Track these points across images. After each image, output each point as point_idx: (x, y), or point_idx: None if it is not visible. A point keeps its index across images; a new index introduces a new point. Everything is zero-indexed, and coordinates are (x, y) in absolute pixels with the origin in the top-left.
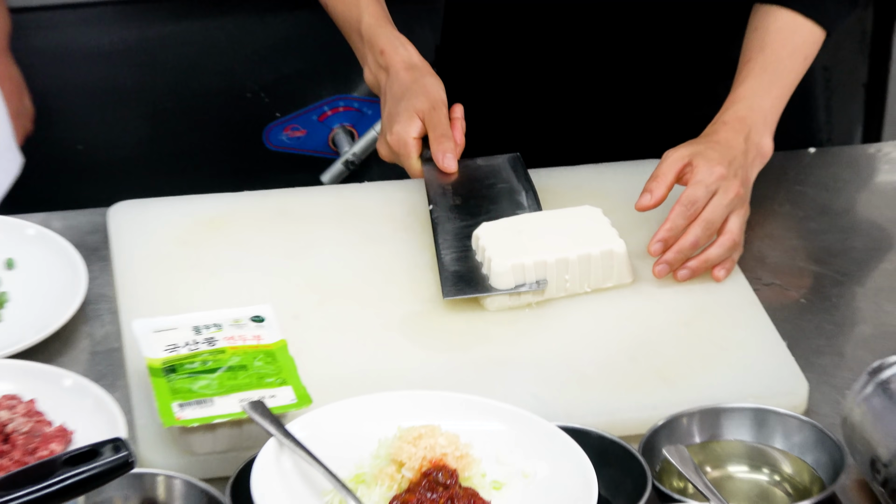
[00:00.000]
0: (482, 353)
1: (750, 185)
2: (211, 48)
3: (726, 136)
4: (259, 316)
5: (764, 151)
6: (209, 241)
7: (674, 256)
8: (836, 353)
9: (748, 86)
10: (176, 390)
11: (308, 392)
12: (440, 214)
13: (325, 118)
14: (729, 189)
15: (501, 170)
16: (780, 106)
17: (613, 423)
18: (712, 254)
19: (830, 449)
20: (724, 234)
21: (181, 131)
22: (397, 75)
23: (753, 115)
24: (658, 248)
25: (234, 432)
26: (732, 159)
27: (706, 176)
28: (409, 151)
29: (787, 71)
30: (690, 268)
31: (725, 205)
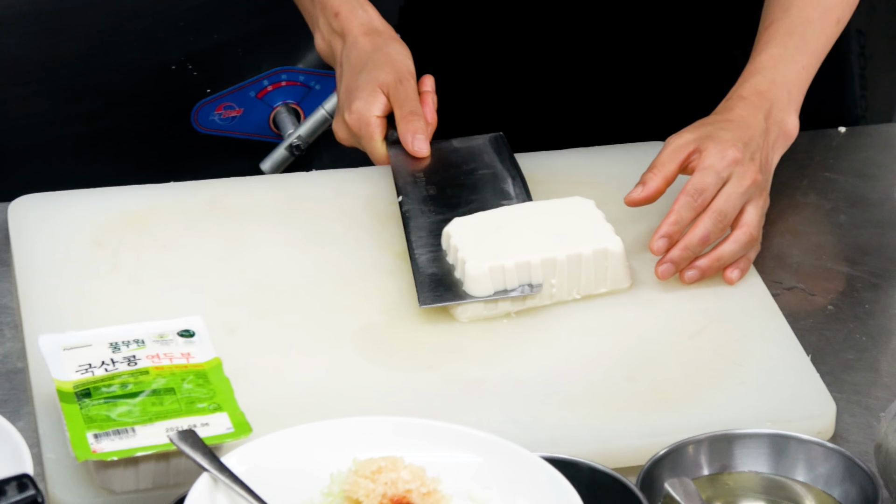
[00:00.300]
0: (453, 372)
1: (771, 170)
2: (128, 12)
3: (743, 114)
4: (188, 330)
5: (788, 131)
6: (129, 241)
7: (680, 254)
8: (870, 369)
9: (770, 53)
10: (91, 418)
11: (247, 419)
12: (412, 207)
13: (265, 95)
14: (744, 175)
15: (482, 153)
16: (808, 78)
17: (607, 452)
18: (726, 250)
19: (862, 481)
20: (739, 228)
21: (93, 112)
22: (356, 42)
23: (776, 88)
24: (661, 244)
25: (160, 467)
26: (749, 140)
27: (717, 161)
28: (371, 133)
29: (816, 36)
30: (700, 267)
31: (741, 193)
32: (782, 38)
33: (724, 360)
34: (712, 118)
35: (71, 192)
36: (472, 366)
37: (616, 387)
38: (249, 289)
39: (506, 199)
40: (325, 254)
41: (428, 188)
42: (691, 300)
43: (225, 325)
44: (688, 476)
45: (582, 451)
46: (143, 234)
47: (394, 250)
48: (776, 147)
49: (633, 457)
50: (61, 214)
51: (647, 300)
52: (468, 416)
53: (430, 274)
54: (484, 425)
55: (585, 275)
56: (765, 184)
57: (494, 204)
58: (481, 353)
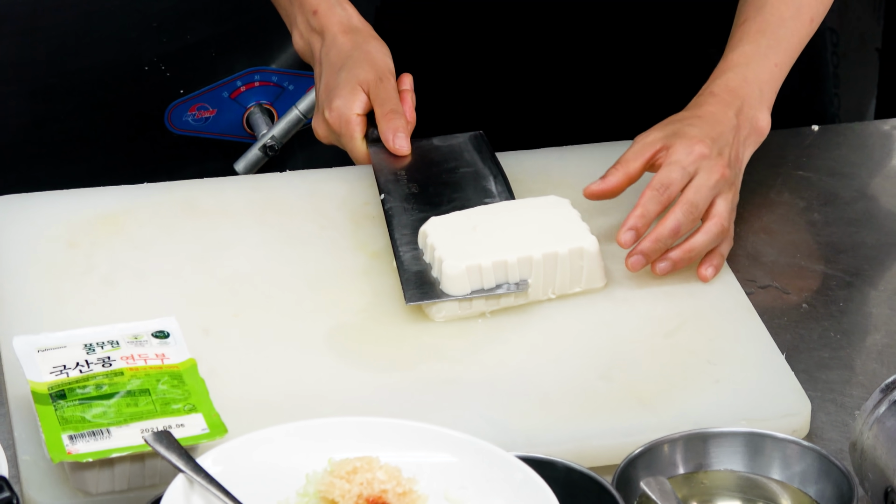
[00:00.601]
0: (427, 372)
1: (741, 167)
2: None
3: (713, 110)
4: (163, 331)
5: (759, 128)
6: (103, 242)
7: (650, 246)
8: (844, 367)
9: (742, 51)
10: (66, 420)
11: (222, 420)
12: (395, 205)
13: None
14: (712, 169)
15: (463, 151)
16: (781, 76)
17: (583, 451)
18: (698, 241)
19: (837, 479)
20: (710, 219)
21: (66, 113)
22: (335, 40)
23: (747, 85)
24: (629, 237)
25: (136, 468)
26: (718, 136)
27: (683, 156)
28: (352, 131)
29: (789, 34)
30: (672, 259)
31: (710, 186)
32: (755, 35)
33: (699, 359)
34: (682, 115)
35: (44, 193)
36: (447, 366)
37: (591, 386)
38: (224, 289)
39: (488, 196)
40: (299, 254)
41: (410, 186)
42: (666, 299)
43: (199, 325)
44: (663, 475)
45: (558, 450)
46: (117, 234)
47: (368, 251)
48: (747, 143)
49: (608, 456)
50: (35, 215)
51: (622, 299)
52: (444, 415)
53: (415, 272)
54: (459, 425)
55: (561, 274)
56: (734, 179)
57: (477, 202)
58: (457, 353)
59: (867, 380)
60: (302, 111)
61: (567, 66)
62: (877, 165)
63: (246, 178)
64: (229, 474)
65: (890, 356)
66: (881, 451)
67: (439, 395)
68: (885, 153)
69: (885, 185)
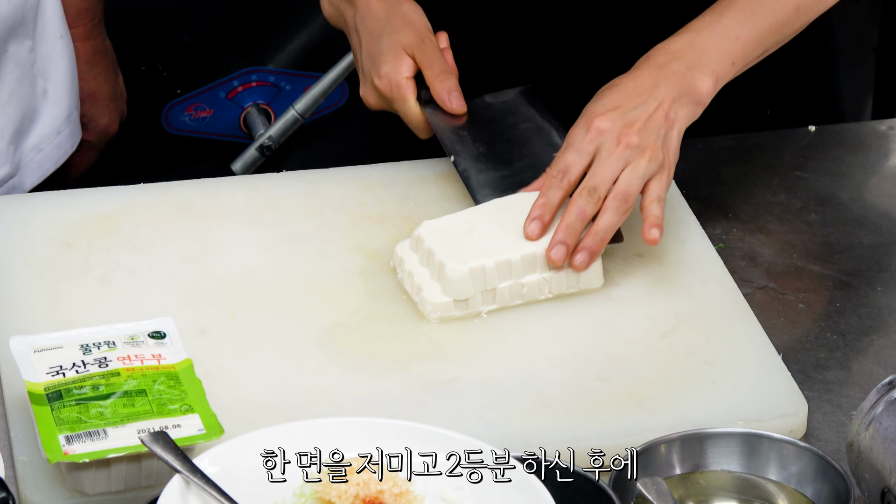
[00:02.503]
0: (425, 372)
1: (672, 128)
2: None
3: (638, 74)
4: (159, 331)
5: (696, 89)
6: (99, 242)
7: (565, 233)
8: (841, 368)
9: (701, 20)
10: (62, 420)
11: (218, 420)
12: (468, 166)
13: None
14: (613, 142)
15: (518, 105)
16: (745, 53)
17: (579, 452)
18: (601, 223)
19: (834, 479)
20: (610, 197)
21: None
22: (368, 7)
23: (691, 49)
24: (535, 228)
25: (132, 469)
26: (631, 104)
27: (579, 137)
28: (404, 94)
29: (764, 13)
30: (586, 248)
31: (610, 163)
32: (721, 8)
33: (696, 360)
34: (602, 88)
35: (41, 193)
36: (444, 366)
37: (588, 386)
38: (220, 290)
39: (555, 150)
40: (296, 255)
41: (477, 145)
42: (663, 300)
43: (196, 326)
44: (660, 475)
45: (554, 450)
46: (114, 235)
47: (365, 251)
48: (683, 103)
49: (605, 456)
50: (31, 216)
51: (619, 300)
52: (440, 416)
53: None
54: (456, 425)
55: (559, 273)
56: (647, 142)
57: (548, 156)
58: (453, 354)
59: (864, 380)
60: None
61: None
62: (874, 166)
63: (243, 178)
64: (226, 475)
65: (887, 356)
66: (878, 451)
67: (436, 396)
68: (882, 154)
69: (882, 186)
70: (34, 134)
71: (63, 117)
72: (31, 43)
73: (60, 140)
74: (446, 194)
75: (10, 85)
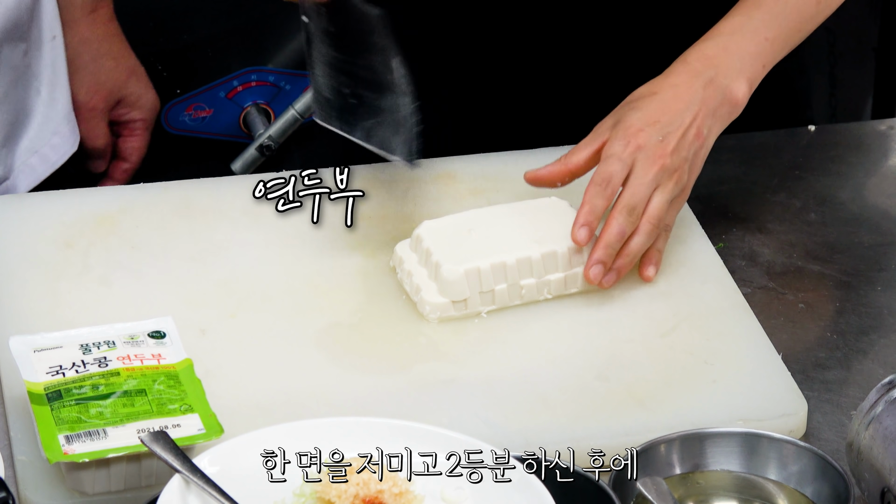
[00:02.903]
0: (424, 372)
1: (703, 142)
2: None
3: (676, 81)
4: (159, 331)
5: (734, 98)
6: (99, 242)
7: (604, 253)
8: (841, 367)
9: (731, 22)
10: (62, 420)
11: (218, 420)
12: (315, 33)
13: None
14: (650, 161)
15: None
16: (773, 52)
17: (579, 452)
18: (634, 244)
19: (833, 479)
20: (643, 219)
21: None
22: None
23: (726, 55)
24: (583, 233)
25: (132, 468)
26: (668, 118)
27: (620, 148)
28: None
29: (788, 11)
30: (617, 268)
31: (646, 183)
32: (748, 8)
33: (696, 360)
34: (640, 91)
35: (41, 193)
36: (444, 366)
37: (588, 386)
38: (220, 290)
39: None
40: (296, 254)
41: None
42: (662, 300)
43: (196, 326)
44: (660, 475)
45: (554, 450)
46: (114, 235)
47: (364, 251)
48: (718, 115)
49: (605, 456)
50: (31, 216)
51: (619, 300)
52: (440, 416)
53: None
54: (456, 426)
55: (558, 274)
56: (677, 164)
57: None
58: (453, 354)
59: (864, 380)
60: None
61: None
62: (873, 165)
63: (243, 178)
64: (226, 474)
65: (887, 356)
66: (878, 451)
67: (436, 396)
68: (882, 153)
69: (881, 185)
70: (27, 137)
71: (59, 118)
72: (25, 46)
73: (56, 142)
74: (446, 194)
75: (2, 88)
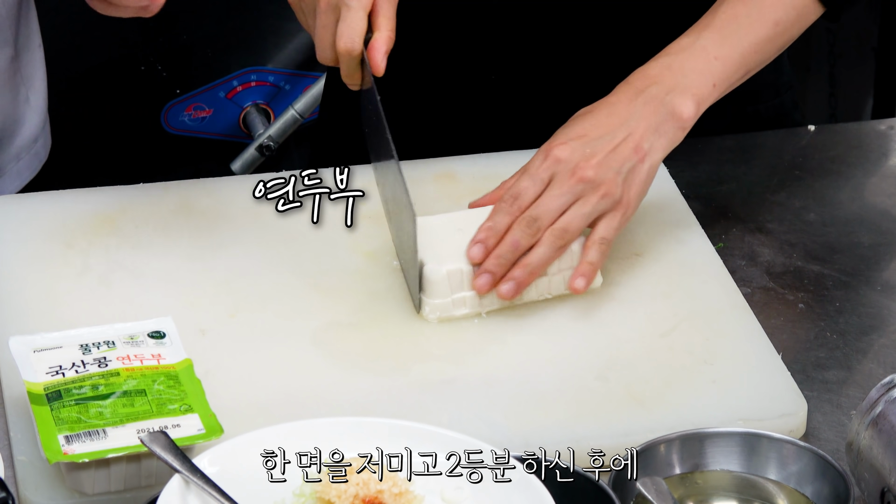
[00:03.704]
0: (424, 372)
1: (645, 155)
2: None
3: (614, 100)
4: (159, 331)
5: (678, 113)
6: (99, 242)
7: (493, 262)
8: (841, 367)
9: (678, 43)
10: (62, 420)
11: (218, 420)
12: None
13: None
14: (567, 174)
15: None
16: (724, 71)
17: (579, 452)
18: (533, 256)
19: (833, 479)
20: (549, 231)
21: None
22: None
23: (669, 72)
24: (477, 251)
25: (132, 469)
26: (593, 133)
27: (536, 163)
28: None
29: (742, 32)
30: (514, 278)
31: (559, 195)
32: (698, 29)
33: (696, 360)
34: (578, 112)
35: (41, 193)
36: (443, 366)
37: (588, 386)
38: (220, 290)
39: None
40: (295, 254)
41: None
42: (662, 300)
43: (195, 326)
44: (660, 475)
45: (554, 450)
46: (114, 235)
47: (364, 251)
48: (662, 131)
49: (605, 456)
50: (31, 216)
51: (619, 300)
52: (440, 416)
53: None
54: (455, 426)
55: (553, 275)
56: (605, 177)
57: None
58: (452, 354)
59: (864, 380)
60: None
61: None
62: (873, 165)
63: (242, 178)
64: (225, 474)
65: (887, 356)
66: (878, 451)
67: (436, 396)
68: (882, 153)
69: (881, 185)
70: (16, 143)
71: (40, 126)
72: (11, 51)
73: (37, 148)
74: (446, 194)
75: None
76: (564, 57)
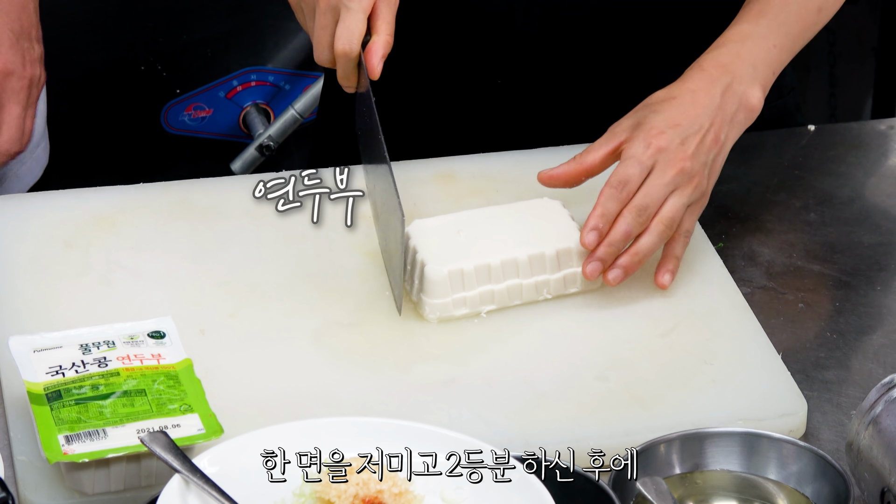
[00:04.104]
0: (424, 372)
1: (720, 147)
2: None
3: (694, 87)
4: (159, 331)
5: (750, 105)
6: (99, 242)
7: (605, 251)
8: (841, 367)
9: (739, 29)
10: (62, 420)
11: (218, 420)
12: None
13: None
14: (669, 164)
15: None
16: (780, 58)
17: (579, 452)
18: (642, 244)
19: (833, 479)
20: (655, 220)
21: (63, 113)
22: None
23: (739, 61)
24: (592, 237)
25: (132, 469)
26: (688, 122)
27: (640, 150)
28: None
29: (792, 18)
30: (622, 265)
31: (663, 184)
32: (754, 16)
33: (696, 359)
34: (659, 95)
35: (40, 193)
36: (443, 366)
37: (588, 386)
38: (220, 290)
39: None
40: (295, 254)
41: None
42: (662, 299)
43: (195, 326)
44: (660, 475)
45: (554, 450)
46: (113, 235)
47: (364, 250)
48: (735, 122)
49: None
50: (31, 216)
51: (618, 300)
52: (440, 416)
53: None
54: (456, 426)
55: (552, 275)
56: (696, 168)
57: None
58: (453, 354)
59: (864, 380)
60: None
61: (566, 67)
62: (873, 165)
63: (242, 177)
64: (225, 474)
65: (886, 356)
66: (877, 451)
67: (436, 396)
68: (882, 153)
69: (881, 185)
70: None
71: (41, 131)
72: None
73: (39, 154)
74: (446, 194)
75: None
76: (564, 57)
